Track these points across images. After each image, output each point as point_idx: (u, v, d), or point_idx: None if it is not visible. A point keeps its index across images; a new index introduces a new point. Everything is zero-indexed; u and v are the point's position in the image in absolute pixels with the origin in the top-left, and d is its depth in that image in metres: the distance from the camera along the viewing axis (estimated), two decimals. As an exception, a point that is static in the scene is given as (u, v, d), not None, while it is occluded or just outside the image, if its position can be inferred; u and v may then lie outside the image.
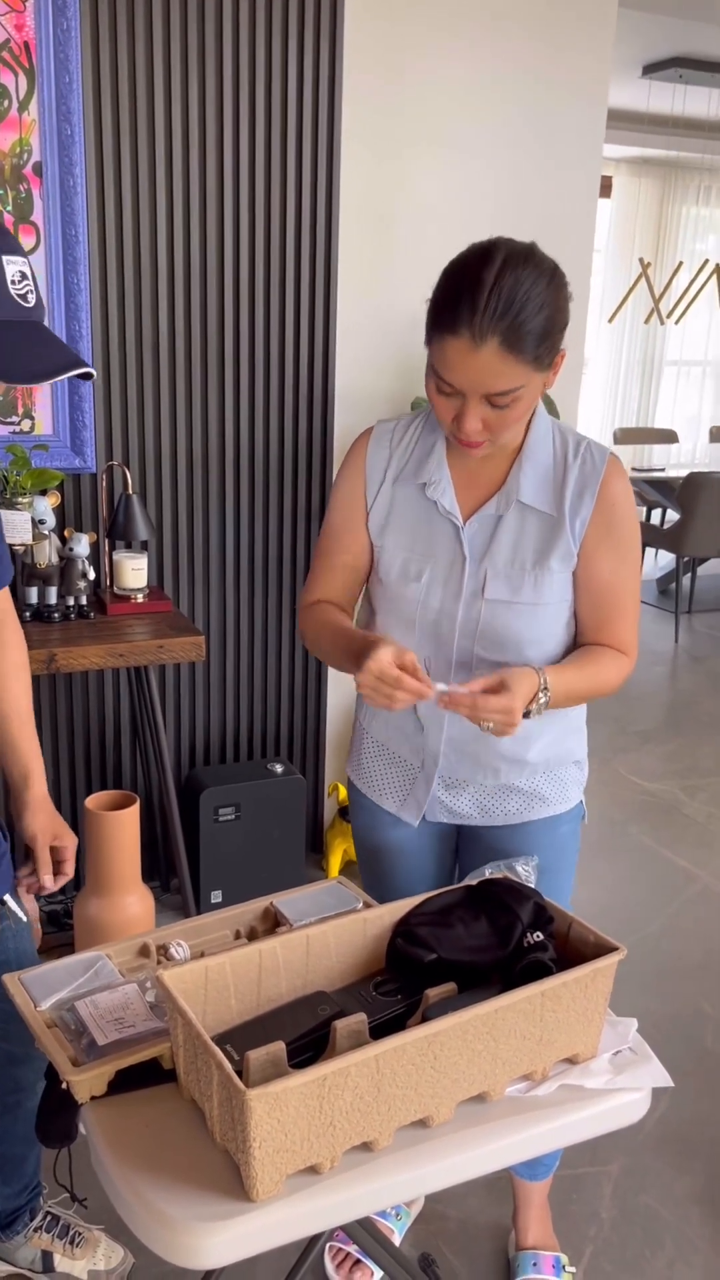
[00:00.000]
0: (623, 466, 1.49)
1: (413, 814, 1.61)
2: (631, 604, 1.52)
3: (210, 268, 2.59)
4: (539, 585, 1.47)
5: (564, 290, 1.38)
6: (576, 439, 1.50)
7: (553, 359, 1.38)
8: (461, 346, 1.31)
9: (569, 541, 1.47)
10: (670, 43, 5.36)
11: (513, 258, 1.32)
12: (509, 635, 1.48)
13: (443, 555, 1.50)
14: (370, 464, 1.54)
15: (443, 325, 1.33)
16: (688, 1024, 2.53)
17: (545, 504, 1.47)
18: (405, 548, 1.52)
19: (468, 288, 1.30)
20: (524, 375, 1.34)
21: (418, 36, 2.67)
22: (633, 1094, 1.19)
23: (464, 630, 1.49)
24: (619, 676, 1.51)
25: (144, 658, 2.35)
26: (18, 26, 2.27)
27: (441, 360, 1.34)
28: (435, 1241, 1.93)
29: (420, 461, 1.51)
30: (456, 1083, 1.11)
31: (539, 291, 1.32)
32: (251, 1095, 0.96)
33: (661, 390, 8.43)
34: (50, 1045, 1.16)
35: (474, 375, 1.32)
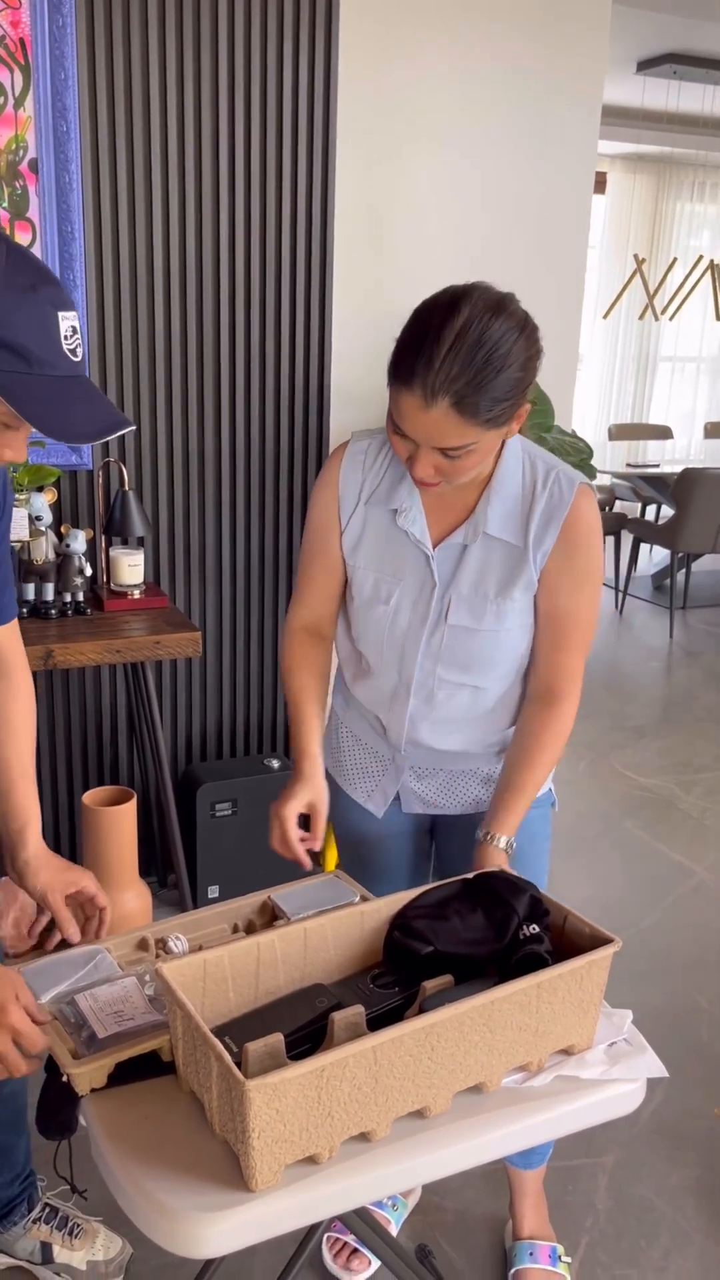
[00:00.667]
0: (593, 496, 1.47)
1: (379, 805, 1.64)
2: (580, 637, 1.50)
3: (206, 264, 2.59)
4: (501, 613, 1.48)
5: (534, 345, 1.33)
6: (547, 467, 1.47)
7: (511, 417, 1.35)
8: (414, 402, 1.29)
9: (531, 571, 1.47)
10: (665, 39, 5.36)
11: (481, 311, 1.26)
12: (470, 660, 1.50)
13: (412, 579, 1.51)
14: (344, 484, 1.54)
15: (399, 376, 1.30)
16: (682, 1016, 2.54)
17: (511, 535, 1.46)
18: (376, 569, 1.53)
19: (429, 340, 1.26)
20: (476, 434, 1.32)
21: (411, 32, 2.68)
22: (628, 1085, 1.20)
23: (426, 653, 1.51)
24: (562, 735, 1.51)
25: (141, 654, 2.35)
26: (13, 23, 2.28)
27: (395, 410, 1.33)
28: (432, 1232, 1.95)
29: (393, 485, 1.51)
30: (453, 1074, 1.12)
31: (503, 352, 1.27)
32: (250, 1086, 0.97)
33: (656, 386, 8.44)
34: (51, 1038, 1.17)
35: (424, 431, 1.31)
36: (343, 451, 1.56)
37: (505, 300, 1.30)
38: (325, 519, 1.56)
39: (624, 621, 5.85)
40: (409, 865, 1.72)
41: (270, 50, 2.52)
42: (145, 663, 2.44)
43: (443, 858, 1.71)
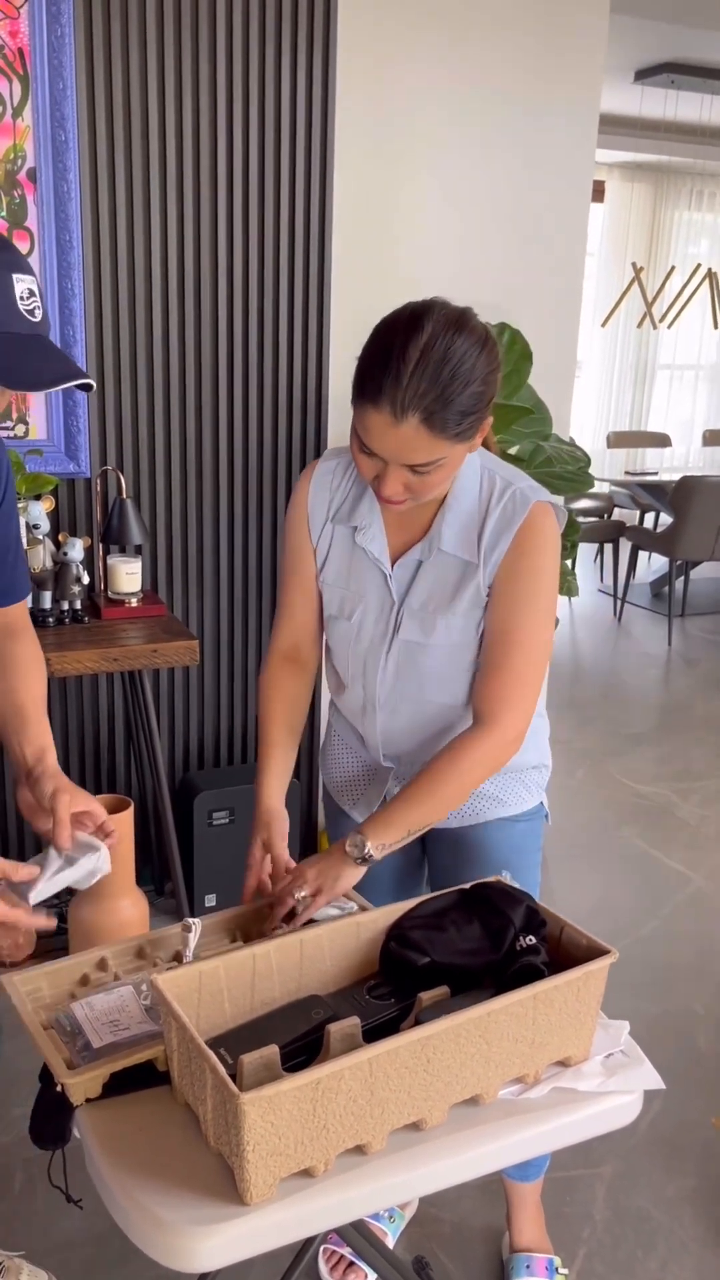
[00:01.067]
0: (550, 514, 1.43)
1: (362, 813, 1.64)
2: (520, 660, 1.42)
3: (204, 273, 2.60)
4: (449, 628, 1.48)
5: (494, 359, 1.33)
6: (505, 484, 1.45)
7: (476, 431, 1.35)
8: (382, 420, 1.28)
9: (480, 584, 1.45)
10: (662, 48, 5.38)
11: (443, 327, 1.27)
12: (425, 675, 1.50)
13: (373, 596, 1.52)
14: (313, 504, 1.55)
15: (365, 395, 1.30)
16: (680, 1025, 2.54)
17: (464, 550, 1.46)
18: (341, 586, 1.54)
19: (394, 358, 1.26)
20: (444, 449, 1.32)
21: (409, 41, 2.68)
22: (625, 1097, 1.19)
23: (385, 668, 1.52)
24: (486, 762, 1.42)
25: (138, 662, 2.35)
26: (12, 33, 2.28)
27: (362, 426, 1.32)
28: (429, 1244, 1.94)
29: (354, 503, 1.52)
30: (449, 1086, 1.12)
31: (467, 367, 1.27)
32: (245, 1099, 0.96)
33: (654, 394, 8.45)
34: (45, 1047, 1.17)
35: (393, 448, 1.31)
36: (311, 472, 1.56)
37: (465, 315, 1.31)
38: (298, 541, 1.57)
39: (622, 629, 5.86)
40: (398, 875, 1.72)
41: (268, 61, 2.52)
42: (143, 671, 2.44)
43: (434, 870, 1.71)
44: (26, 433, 2.52)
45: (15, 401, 2.49)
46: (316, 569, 1.56)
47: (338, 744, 1.71)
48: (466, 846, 1.62)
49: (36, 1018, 1.22)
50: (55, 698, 2.74)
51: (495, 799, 1.61)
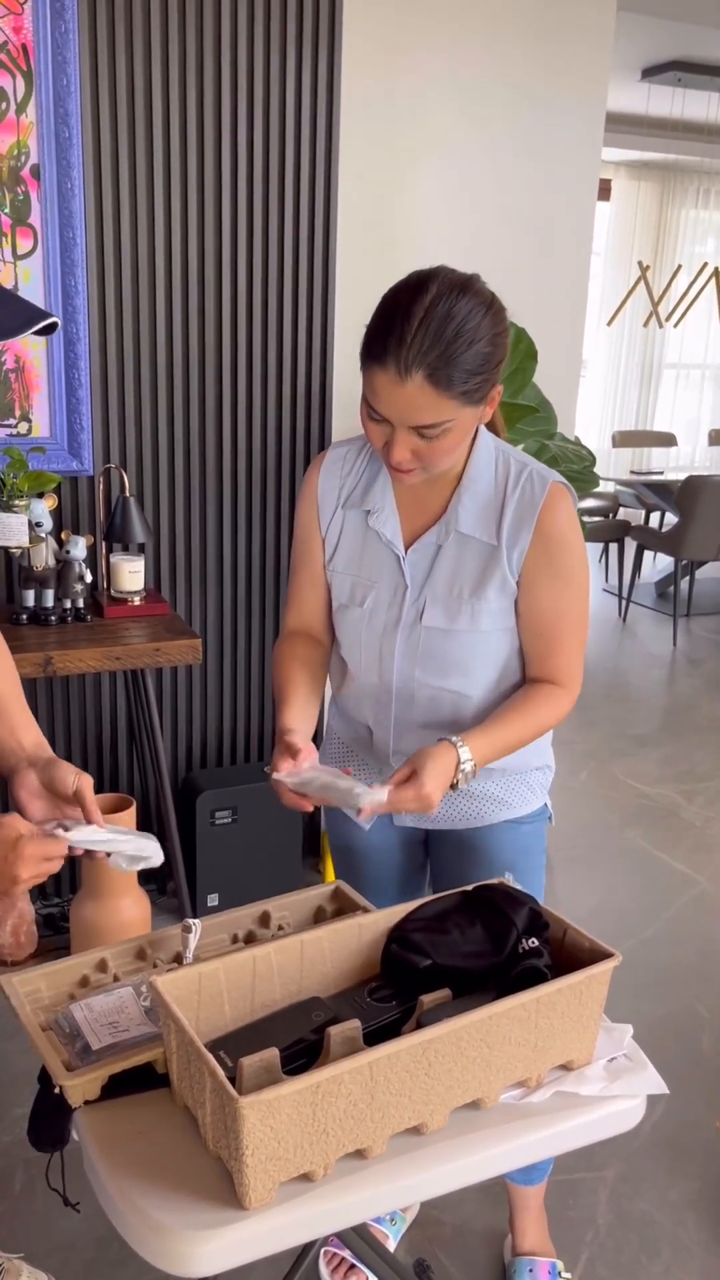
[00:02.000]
0: (567, 495, 1.45)
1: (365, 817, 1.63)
2: (573, 635, 1.49)
3: (208, 270, 2.59)
4: (476, 614, 1.47)
5: (501, 323, 1.34)
6: (520, 466, 1.47)
7: (485, 394, 1.35)
8: (388, 379, 1.30)
9: (506, 572, 1.45)
10: (669, 46, 5.36)
11: (448, 289, 1.29)
12: (449, 662, 1.49)
13: (385, 582, 1.51)
14: (323, 491, 1.55)
15: (372, 355, 1.31)
16: (683, 1028, 2.52)
17: (484, 533, 1.45)
18: (352, 573, 1.53)
19: (398, 319, 1.29)
20: (451, 410, 1.32)
21: (416, 38, 2.67)
22: (628, 1101, 1.18)
23: (403, 656, 1.50)
24: (555, 716, 1.49)
25: (141, 660, 2.34)
26: (15, 29, 2.27)
27: (370, 389, 1.33)
28: (431, 1247, 1.93)
29: (367, 487, 1.52)
30: (451, 1089, 1.11)
31: (472, 326, 1.29)
32: (244, 1103, 0.95)
33: (660, 393, 8.43)
34: (44, 1049, 1.16)
35: (400, 407, 1.31)
36: (321, 460, 1.57)
37: (471, 279, 1.33)
38: (307, 531, 1.57)
39: (627, 629, 5.84)
40: (400, 878, 1.71)
41: (273, 57, 2.51)
42: (145, 670, 2.43)
43: (438, 873, 1.69)
44: (29, 430, 2.51)
45: (18, 398, 2.48)
46: (326, 558, 1.55)
47: (336, 748, 1.69)
48: (472, 849, 1.61)
49: (35, 1019, 1.21)
50: (58, 696, 2.73)
51: (500, 801, 1.59)
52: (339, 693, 1.65)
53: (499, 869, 1.49)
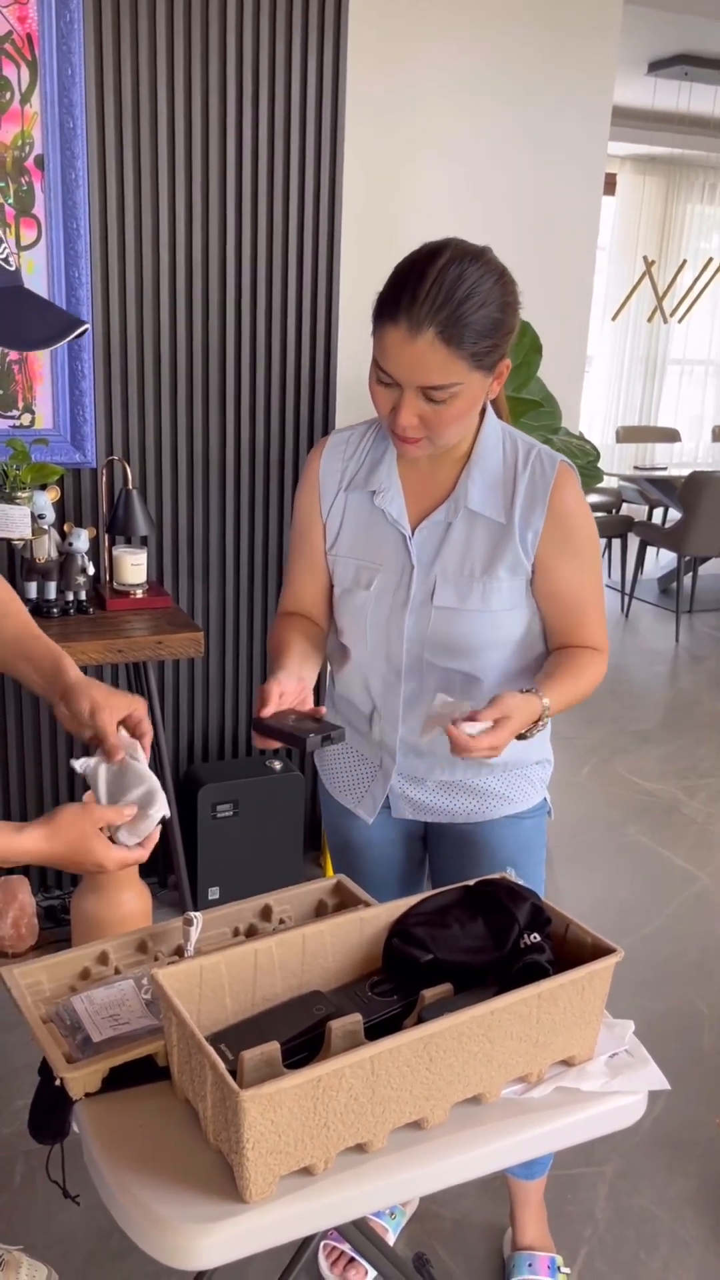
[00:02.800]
0: (574, 473, 1.48)
1: (368, 810, 1.63)
2: (596, 604, 1.53)
3: (212, 262, 2.58)
4: (487, 593, 1.47)
5: (511, 293, 1.37)
6: (528, 446, 1.48)
7: (494, 361, 1.36)
8: (399, 336, 1.31)
9: (519, 552, 1.46)
10: (676, 40, 5.34)
11: (460, 255, 1.32)
12: (458, 642, 1.48)
13: (391, 563, 1.50)
14: (324, 475, 1.55)
15: (384, 314, 1.33)
16: (684, 1024, 2.52)
17: (494, 511, 1.46)
18: (356, 555, 1.53)
19: (411, 279, 1.31)
20: (461, 372, 1.33)
21: (422, 31, 2.66)
22: (629, 1097, 1.18)
23: (412, 637, 1.50)
24: (600, 675, 1.53)
25: (143, 653, 2.34)
26: (20, 18, 2.26)
27: (380, 350, 1.35)
28: (430, 1241, 1.93)
29: (372, 468, 1.52)
30: (452, 1084, 1.11)
31: (484, 289, 1.31)
32: (245, 1096, 0.95)
33: (665, 389, 8.42)
34: (45, 1041, 1.16)
35: (410, 365, 1.32)
36: (323, 445, 1.57)
37: (483, 250, 1.35)
38: (307, 517, 1.56)
39: (630, 625, 5.83)
40: (399, 874, 1.71)
41: (279, 49, 2.50)
42: (147, 663, 2.43)
43: (439, 868, 1.69)
44: (33, 422, 2.51)
45: (21, 390, 2.48)
46: (327, 544, 1.55)
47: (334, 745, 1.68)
48: (473, 844, 1.61)
49: (36, 1011, 1.21)
50: (60, 689, 2.73)
51: (502, 796, 1.59)
52: (336, 679, 1.64)
53: (500, 864, 1.49)
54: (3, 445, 2.42)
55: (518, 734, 1.38)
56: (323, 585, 1.59)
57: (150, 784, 1.32)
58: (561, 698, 1.44)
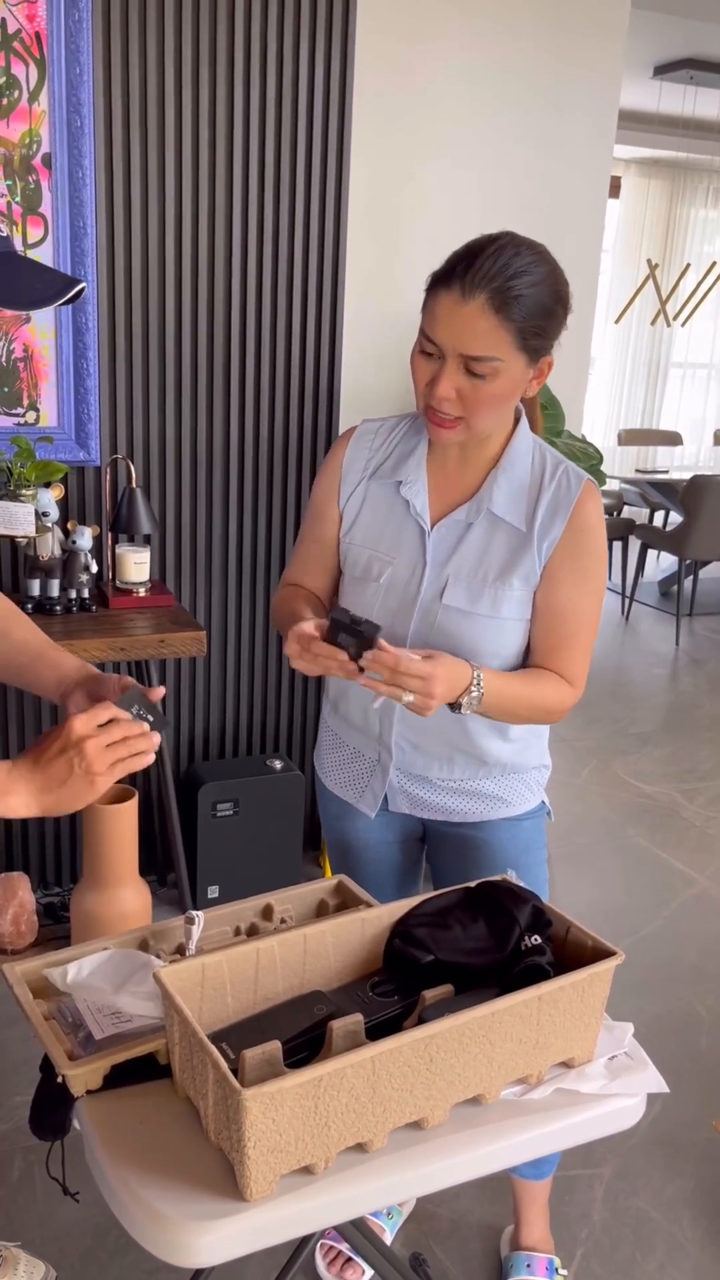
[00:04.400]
0: (598, 493, 1.48)
1: (370, 805, 1.63)
2: (585, 634, 1.49)
3: (218, 262, 2.58)
4: (497, 600, 1.47)
5: (563, 288, 1.39)
6: (555, 460, 1.49)
7: (539, 347, 1.37)
8: (450, 300, 1.33)
9: (534, 561, 1.46)
10: (682, 44, 5.35)
11: (518, 242, 1.35)
12: (461, 645, 1.48)
13: (405, 558, 1.50)
14: (348, 462, 1.55)
15: (437, 284, 1.36)
16: (681, 1026, 2.53)
17: (516, 518, 1.46)
18: (371, 546, 1.53)
19: (468, 253, 1.35)
20: (505, 347, 1.34)
21: (428, 34, 2.66)
22: (628, 1100, 1.19)
23: (416, 635, 1.50)
24: (561, 704, 1.49)
25: (145, 652, 2.34)
26: (29, 16, 2.27)
27: (429, 317, 1.36)
28: (426, 1241, 1.94)
29: (400, 460, 1.52)
30: (452, 1085, 1.11)
31: (538, 272, 1.35)
32: (247, 1095, 0.96)
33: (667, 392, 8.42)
34: (47, 1038, 1.16)
35: (458, 329, 1.33)
36: (351, 433, 1.58)
37: (539, 244, 1.39)
38: (323, 502, 1.57)
39: (630, 628, 5.84)
40: (397, 876, 1.71)
41: (286, 47, 2.50)
42: (149, 661, 2.43)
43: (440, 870, 1.69)
44: (37, 420, 2.51)
45: (26, 387, 2.48)
46: (342, 531, 1.56)
47: (332, 742, 1.68)
48: (474, 846, 1.61)
49: (38, 1008, 1.21)
50: (61, 686, 2.73)
51: (500, 799, 1.59)
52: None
53: (503, 865, 1.49)
54: (7, 443, 2.42)
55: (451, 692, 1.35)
56: (328, 570, 1.59)
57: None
58: (501, 687, 1.41)
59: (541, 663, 1.51)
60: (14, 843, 2.81)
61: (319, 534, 1.58)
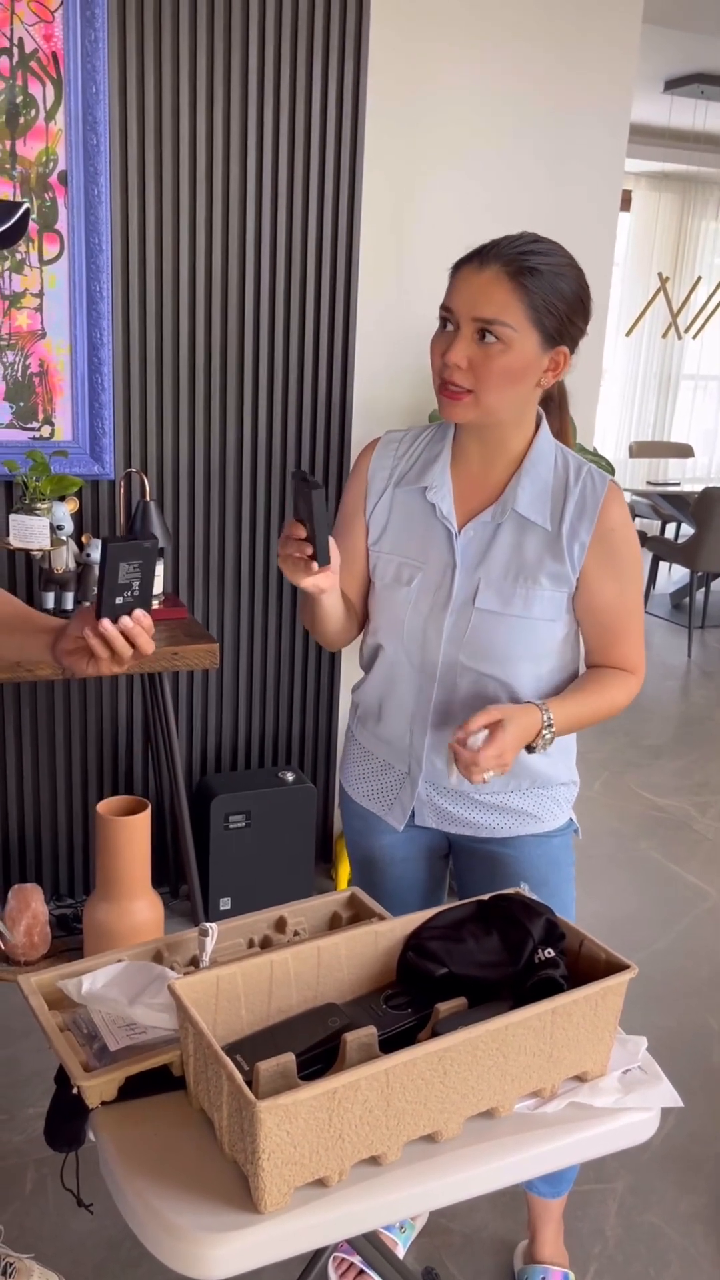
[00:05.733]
0: (621, 492, 1.50)
1: (398, 818, 1.63)
2: (635, 623, 1.55)
3: (231, 277, 2.60)
4: (529, 600, 1.48)
5: (584, 282, 1.44)
6: (578, 463, 1.51)
7: (554, 330, 1.40)
8: (469, 270, 1.39)
9: (565, 564, 1.47)
10: (692, 59, 5.37)
11: (540, 236, 1.42)
12: (495, 647, 1.49)
13: (434, 562, 1.51)
14: (373, 471, 1.57)
15: (458, 264, 1.42)
16: (694, 1040, 2.52)
17: (542, 518, 1.48)
18: (400, 552, 1.54)
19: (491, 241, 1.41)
20: (519, 316, 1.37)
21: (440, 48, 2.68)
22: (641, 1114, 1.19)
23: (450, 638, 1.50)
24: (627, 697, 1.55)
25: (158, 664, 2.35)
26: (46, 36, 2.29)
27: (448, 291, 1.41)
28: (439, 1255, 1.93)
29: (425, 466, 1.54)
30: (465, 1098, 1.11)
31: (557, 259, 1.40)
32: (261, 1107, 0.96)
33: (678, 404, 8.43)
34: (62, 1049, 1.17)
35: (472, 292, 1.38)
36: (375, 443, 1.60)
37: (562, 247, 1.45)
38: (350, 510, 1.58)
39: (642, 640, 5.83)
40: (421, 892, 1.70)
41: (300, 69, 2.53)
42: (162, 673, 2.45)
43: (469, 886, 1.67)
44: (52, 434, 2.53)
45: (41, 402, 2.50)
46: (371, 539, 1.57)
47: (360, 754, 1.68)
48: (503, 863, 1.60)
49: (53, 1019, 1.22)
50: (75, 698, 2.75)
51: (531, 815, 1.59)
52: (366, 682, 1.64)
53: (533, 882, 1.48)
54: (22, 457, 2.44)
55: (524, 744, 1.40)
56: (356, 577, 1.59)
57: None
58: (570, 712, 1.46)
59: (601, 661, 1.55)
60: (27, 854, 2.82)
61: (346, 544, 1.58)
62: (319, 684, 3.00)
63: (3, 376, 2.46)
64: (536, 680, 1.52)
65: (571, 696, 1.49)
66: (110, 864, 2.41)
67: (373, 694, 1.62)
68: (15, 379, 2.47)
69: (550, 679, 1.54)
